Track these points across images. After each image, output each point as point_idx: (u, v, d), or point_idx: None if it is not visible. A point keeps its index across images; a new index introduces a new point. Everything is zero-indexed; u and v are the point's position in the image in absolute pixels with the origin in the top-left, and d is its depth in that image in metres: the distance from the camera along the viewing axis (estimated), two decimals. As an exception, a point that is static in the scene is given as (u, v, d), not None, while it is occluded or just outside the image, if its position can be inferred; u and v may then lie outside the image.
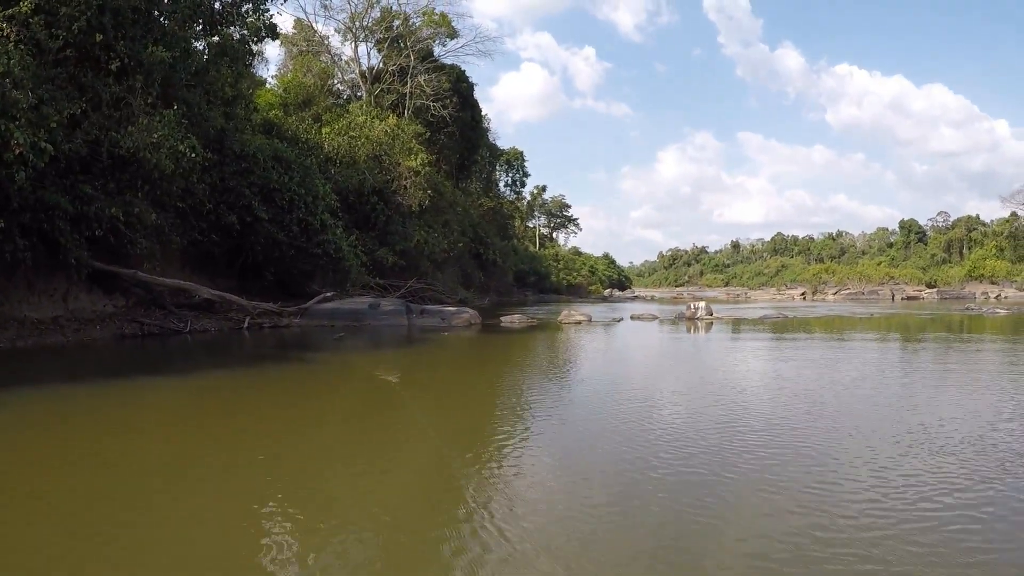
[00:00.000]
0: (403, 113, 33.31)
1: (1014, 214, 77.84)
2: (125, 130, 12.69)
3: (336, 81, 34.60)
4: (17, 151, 10.14)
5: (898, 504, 4.64)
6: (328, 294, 19.59)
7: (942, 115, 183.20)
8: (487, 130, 47.20)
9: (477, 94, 41.61)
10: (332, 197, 21.51)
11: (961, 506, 4.58)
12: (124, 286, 14.28)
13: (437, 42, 37.53)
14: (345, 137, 26.24)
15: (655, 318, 27.47)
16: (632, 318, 27.57)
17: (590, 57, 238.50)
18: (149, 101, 13.47)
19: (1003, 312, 31.22)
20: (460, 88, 38.12)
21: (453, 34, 37.79)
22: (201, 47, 16.74)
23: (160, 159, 13.25)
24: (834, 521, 4.30)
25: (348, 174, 24.96)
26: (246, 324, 15.86)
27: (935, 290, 68.69)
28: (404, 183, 28.26)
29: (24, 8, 11.14)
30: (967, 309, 35.35)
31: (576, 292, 59.21)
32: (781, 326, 24.41)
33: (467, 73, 39.57)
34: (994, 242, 79.21)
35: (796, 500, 4.72)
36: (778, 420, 7.54)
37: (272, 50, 40.85)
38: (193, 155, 14.22)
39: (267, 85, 28.53)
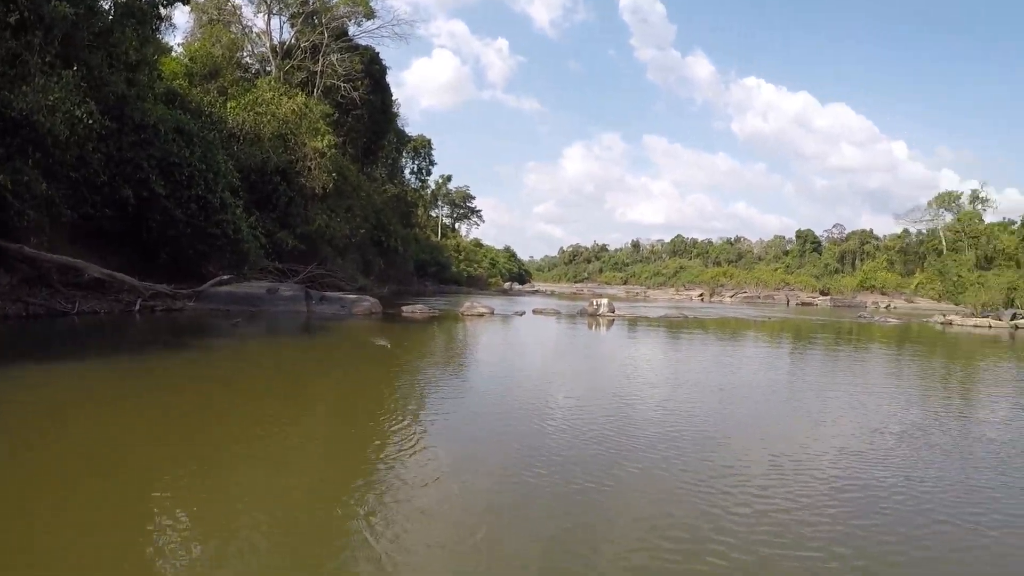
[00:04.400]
0: (312, 92, 32.28)
1: (906, 230, 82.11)
2: (19, 90, 11.79)
3: (245, 54, 33.04)
4: None
5: (789, 489, 5.09)
6: (224, 277, 18.91)
7: (843, 133, 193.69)
8: (396, 115, 46.47)
9: (388, 78, 40.97)
10: (233, 175, 20.75)
11: (844, 487, 5.17)
12: (8, 261, 13.16)
13: (353, 21, 36.52)
14: (251, 113, 25.24)
15: (557, 313, 28.10)
16: (534, 312, 28.06)
17: (503, 49, 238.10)
18: (47, 60, 12.59)
19: (893, 321, 33.66)
20: (373, 70, 37.38)
21: (370, 14, 36.90)
22: (107, 6, 15.69)
23: (55, 124, 12.41)
24: (725, 504, 4.66)
25: (251, 152, 24.07)
26: (137, 307, 15.04)
27: (828, 297, 71.25)
28: (309, 164, 27.51)
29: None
30: (860, 317, 37.30)
31: (476, 284, 59.45)
32: (681, 325, 25.52)
33: (380, 56, 38.89)
34: (886, 256, 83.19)
35: (689, 487, 5.02)
36: (679, 413, 7.87)
37: (181, 16, 38.59)
38: (90, 122, 13.41)
39: (173, 53, 26.92)
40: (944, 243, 73.60)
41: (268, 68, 33.35)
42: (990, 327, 30.13)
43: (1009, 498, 5.28)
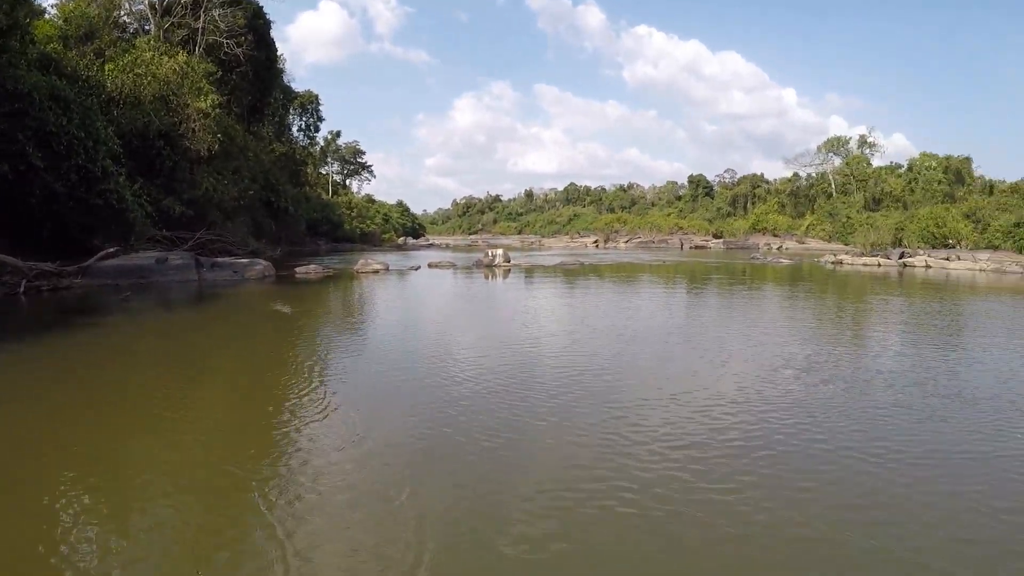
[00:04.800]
0: (194, 50, 30.77)
1: (796, 174, 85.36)
2: None
3: (123, 12, 30.90)
4: None
5: (689, 428, 5.40)
6: (111, 250, 18.43)
7: (734, 80, 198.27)
8: (282, 71, 44.97)
9: (273, 33, 39.52)
10: (114, 141, 19.97)
11: (745, 425, 5.50)
12: None
13: (233, -27, 34.95)
14: (130, 75, 24.01)
15: (453, 266, 28.68)
16: (429, 266, 28.55)
17: (391, 0, 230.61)
18: (-90, 33, 11.88)
19: (786, 262, 35.75)
20: (256, 25, 36.01)
21: (252, -35, 35.44)
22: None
23: (-80, 99, 11.83)
24: (626, 447, 4.92)
25: (133, 116, 23.05)
26: (22, 288, 14.59)
27: (721, 240, 73.85)
28: (193, 126, 26.55)
29: None
30: (753, 258, 39.01)
31: (370, 241, 58.92)
32: (577, 272, 26.60)
33: (264, 10, 37.44)
34: (777, 199, 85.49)
35: (591, 433, 5.27)
36: (580, 360, 8.17)
37: None
38: (-41, 95, 12.78)
39: (46, 16, 24.99)
40: (833, 186, 76.77)
41: (147, 27, 31.42)
42: (879, 265, 32.04)
43: (905, 426, 5.60)
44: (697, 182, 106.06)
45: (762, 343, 9.82)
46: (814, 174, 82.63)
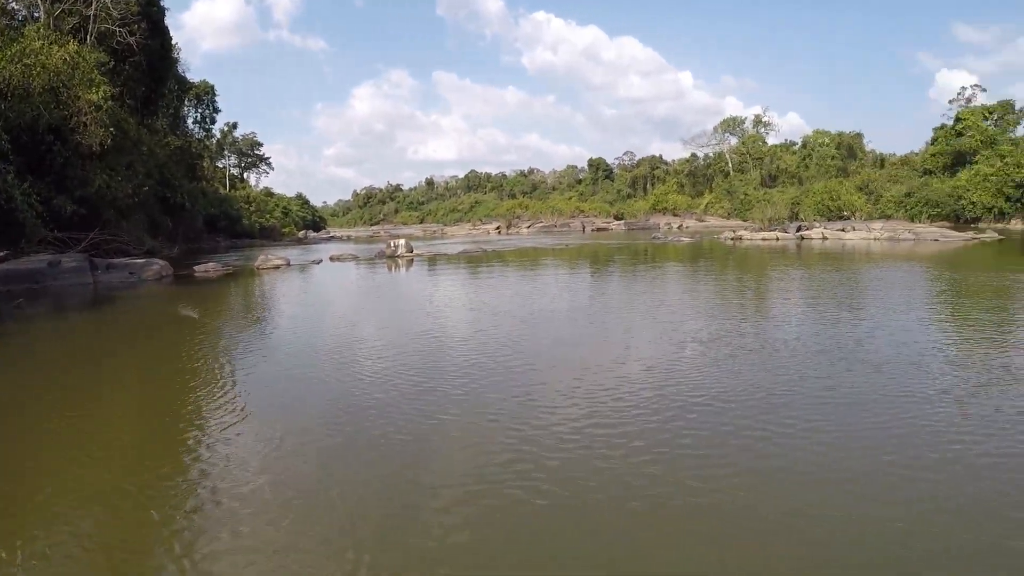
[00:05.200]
0: (85, 39, 29.09)
1: (693, 155, 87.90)
2: None
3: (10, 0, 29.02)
4: None
5: (597, 409, 5.45)
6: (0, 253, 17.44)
7: (632, 65, 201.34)
8: (177, 61, 42.98)
9: (167, 20, 37.82)
10: (2, 137, 18.86)
11: (653, 403, 5.57)
12: None
13: (125, -41, 33.25)
14: (18, 65, 22.56)
15: (355, 258, 28.49)
16: (331, 259, 28.27)
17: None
18: None
19: (687, 240, 36.96)
20: (150, 12, 34.32)
21: (144, -51, 33.78)
22: None
23: None
24: (536, 433, 4.97)
25: (21, 109, 21.69)
26: (-93, 297, 13.65)
27: (623, 222, 74.48)
28: (84, 119, 25.20)
29: None
30: (654, 238, 39.65)
31: (270, 235, 57.22)
32: (481, 259, 26.90)
33: (158, -5, 35.84)
34: (676, 179, 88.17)
35: (500, 420, 5.28)
36: (487, 347, 8.20)
37: None
38: None
39: (-74, 5, 23.11)
40: (731, 165, 79.63)
41: (36, 14, 29.43)
42: (777, 239, 33.63)
43: (808, 395, 5.75)
44: (597, 165, 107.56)
45: (668, 320, 9.86)
46: (711, 154, 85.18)
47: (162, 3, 36.31)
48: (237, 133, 73.31)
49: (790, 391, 5.92)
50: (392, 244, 29.71)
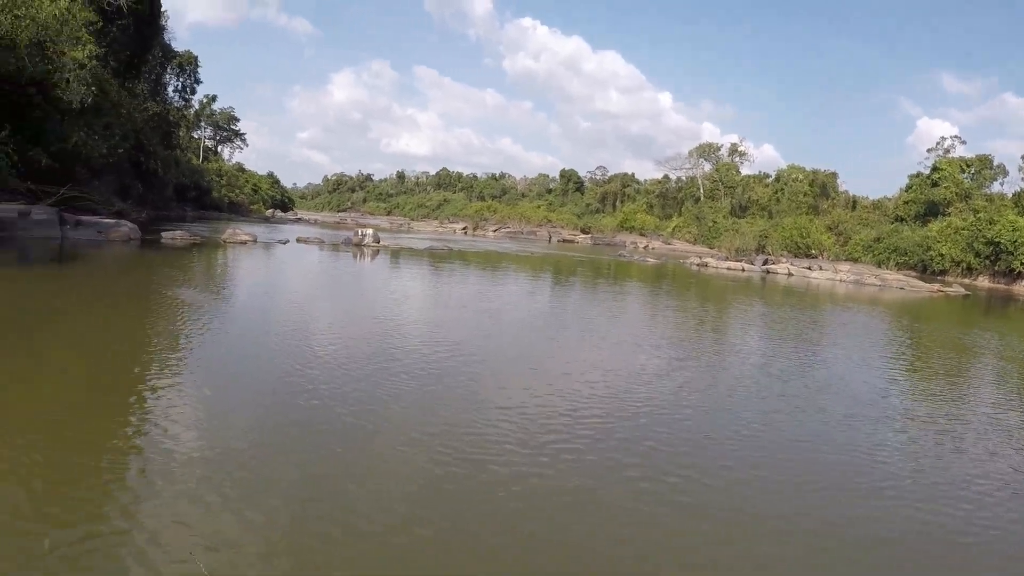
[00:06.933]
0: (76, -3, 29.36)
1: (667, 176, 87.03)
2: None
3: (5, -48, 28.92)
4: None
5: (550, 419, 5.53)
6: (-28, 198, 17.71)
7: (612, 79, 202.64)
8: (164, 29, 43.09)
9: (159, -13, 38.04)
10: (-16, 85, 19.12)
11: (605, 421, 5.66)
12: None
13: (123, -81, 33.33)
14: (8, 16, 22.72)
15: (321, 242, 28.84)
16: (298, 241, 28.59)
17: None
18: None
19: (652, 261, 37.09)
20: (143, -23, 34.61)
21: (142, -89, 33.88)
22: None
23: None
24: (487, 431, 5.06)
25: (5, 59, 21.94)
26: None
27: (589, 236, 74.66)
28: (67, 76, 25.40)
29: None
30: (620, 256, 40.04)
31: (238, 210, 57.20)
32: (446, 257, 27.24)
33: (152, -39, 35.96)
34: (646, 199, 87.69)
35: (451, 421, 5.33)
36: (445, 345, 8.19)
37: None
38: None
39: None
40: (702, 190, 79.27)
41: (28, -33, 29.49)
42: (743, 270, 33.54)
43: (758, 422, 5.93)
44: (568, 177, 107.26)
45: (629, 340, 10.08)
46: (684, 178, 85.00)
47: (155, -31, 36.37)
48: (215, 106, 72.95)
49: (726, 435, 5.85)
50: (360, 232, 30.12)
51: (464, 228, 74.35)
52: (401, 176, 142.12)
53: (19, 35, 22.99)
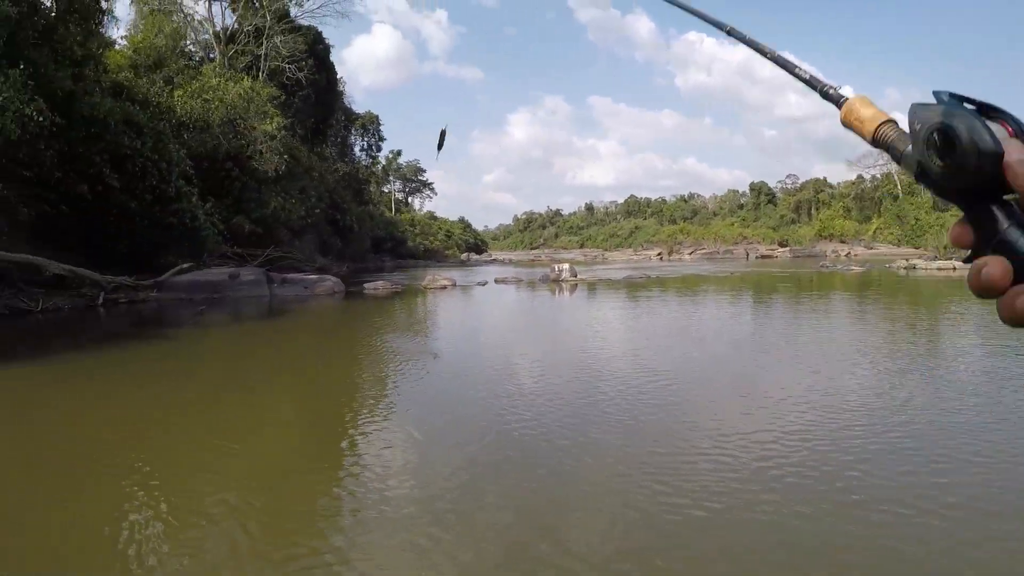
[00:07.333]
0: (258, 75, 32.07)
1: (860, 176, 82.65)
2: (-33, 94, 11.93)
3: (189, 42, 32.57)
4: None
5: (749, 458, 4.81)
6: (185, 265, 19.12)
7: (789, 82, 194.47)
8: (342, 93, 46.36)
9: (332, 57, 40.85)
10: (186, 163, 20.85)
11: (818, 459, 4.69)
12: (-31, 264, 13.41)
13: (293, 2, 36.32)
14: (198, 100, 25.15)
15: (519, 281, 28.54)
16: (496, 281, 28.47)
17: (442, 20, 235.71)
18: (-7, 61, 12.69)
19: (855, 269, 33.78)
20: (317, 50, 37.25)
21: (310, -7, 36.77)
22: (49, 3, 15.69)
23: (5, 123, 12.50)
24: (688, 469, 4.57)
25: (202, 139, 24.12)
26: (100, 300, 15.31)
27: (787, 249, 71.76)
28: (259, 148, 27.56)
29: None
30: (822, 267, 37.06)
31: (433, 257, 59.76)
32: (644, 286, 25.90)
33: (323, 35, 38.73)
34: (841, 203, 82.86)
35: (664, 456, 4.89)
36: (651, 373, 7.79)
37: (122, 8, 37.51)
38: (40, 119, 13.45)
39: (117, 46, 26.52)
40: (899, 187, 72.72)
41: (212, 55, 32.99)
42: (955, 269, 29.25)
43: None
44: (759, 189, 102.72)
45: (841, 357, 8.87)
46: (878, 175, 78.75)
47: (327, 41, 39.18)
48: (401, 160, 77.63)
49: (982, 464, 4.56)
50: (556, 268, 29.46)
51: (659, 254, 73.14)
52: (589, 208, 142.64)
53: (211, 116, 25.25)
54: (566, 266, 29.81)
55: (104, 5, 17.80)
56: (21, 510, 4.05)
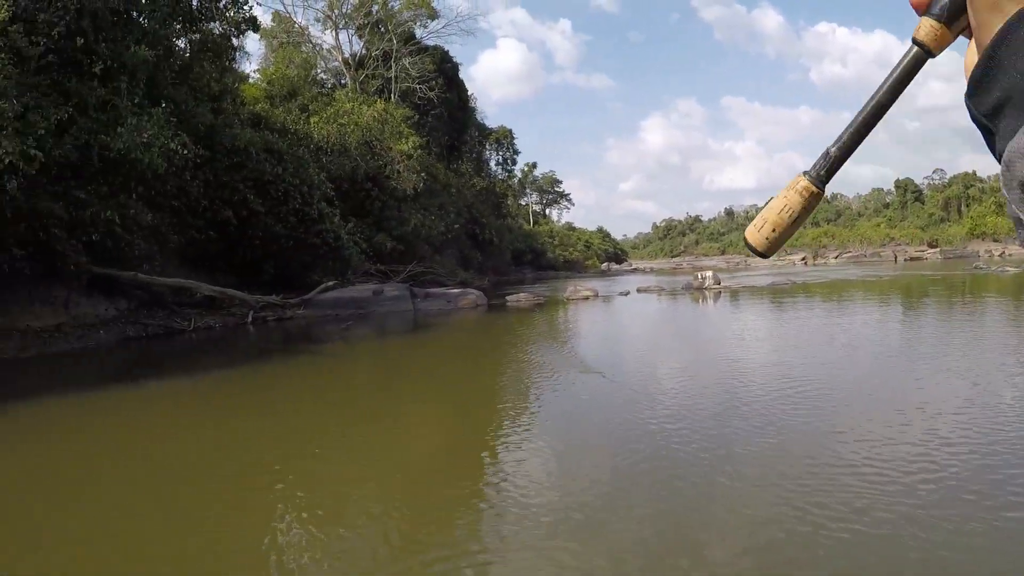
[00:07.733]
0: (390, 97, 33.01)
1: None
2: (114, 132, 12.52)
3: (319, 71, 34.27)
4: (6, 160, 10.01)
5: (901, 473, 4.47)
6: (330, 283, 19.50)
7: (931, 68, 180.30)
8: (474, 110, 46.86)
9: (460, 74, 41.38)
10: (326, 185, 21.42)
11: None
12: (124, 288, 14.20)
13: (418, 24, 37.16)
14: (334, 125, 26.01)
15: (661, 290, 27.48)
16: (638, 291, 27.53)
17: (566, 30, 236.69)
18: (136, 101, 13.33)
19: (1013, 270, 30.61)
20: (445, 69, 37.77)
21: (433, 14, 37.45)
22: (183, 44, 16.56)
23: (152, 158, 13.07)
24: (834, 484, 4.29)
25: (340, 162, 24.79)
26: (250, 318, 15.81)
27: (937, 249, 67.85)
28: (397, 167, 28.06)
29: (1, 17, 10.96)
30: (976, 268, 34.50)
31: (573, 267, 59.19)
32: (789, 292, 24.42)
33: (450, 54, 39.26)
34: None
35: (808, 468, 4.65)
36: (796, 381, 7.52)
37: (252, 44, 40.70)
38: (185, 152, 14.06)
39: (251, 80, 28.22)
40: None
41: (343, 81, 34.37)
42: None
43: None
44: (905, 187, 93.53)
45: (1006, 372, 8.08)
46: None
47: (455, 59, 39.69)
48: (537, 172, 77.70)
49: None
50: (699, 276, 28.09)
51: (803, 258, 70.05)
52: (730, 212, 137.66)
53: (348, 139, 25.96)
54: (709, 273, 28.37)
55: (235, 43, 18.59)
56: (189, 515, 4.21)
